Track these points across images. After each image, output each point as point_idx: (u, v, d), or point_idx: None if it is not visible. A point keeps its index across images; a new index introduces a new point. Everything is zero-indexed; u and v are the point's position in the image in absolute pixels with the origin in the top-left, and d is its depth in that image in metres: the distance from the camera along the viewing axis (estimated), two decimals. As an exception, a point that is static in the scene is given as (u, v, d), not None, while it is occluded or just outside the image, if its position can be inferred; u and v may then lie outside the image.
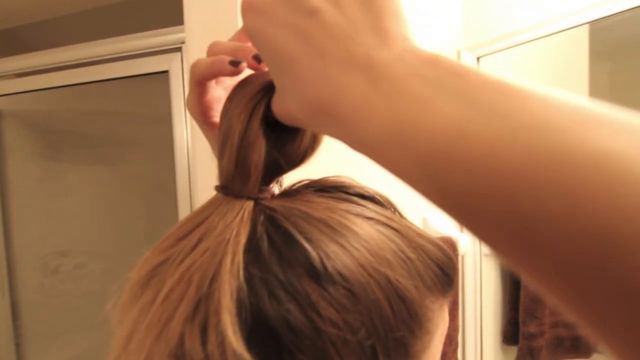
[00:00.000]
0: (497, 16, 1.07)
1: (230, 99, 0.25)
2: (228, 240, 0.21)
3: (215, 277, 0.20)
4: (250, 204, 0.23)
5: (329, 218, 0.23)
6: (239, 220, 0.22)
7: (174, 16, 0.79)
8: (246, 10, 0.21)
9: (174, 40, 0.97)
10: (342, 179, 0.29)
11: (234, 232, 0.22)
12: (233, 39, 0.30)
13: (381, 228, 0.24)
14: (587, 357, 1.09)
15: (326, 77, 0.18)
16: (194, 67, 0.28)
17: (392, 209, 0.29)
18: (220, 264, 0.20)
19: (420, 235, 0.26)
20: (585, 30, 0.91)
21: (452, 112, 0.15)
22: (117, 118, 1.25)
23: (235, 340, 0.18)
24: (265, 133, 0.24)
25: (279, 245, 0.22)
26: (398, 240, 0.24)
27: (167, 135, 1.02)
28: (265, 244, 0.21)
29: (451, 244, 1.07)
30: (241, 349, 0.18)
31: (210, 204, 0.24)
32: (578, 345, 1.05)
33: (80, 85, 1.09)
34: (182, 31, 0.96)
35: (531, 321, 1.00)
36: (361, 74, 0.18)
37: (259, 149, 0.23)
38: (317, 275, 0.21)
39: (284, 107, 0.22)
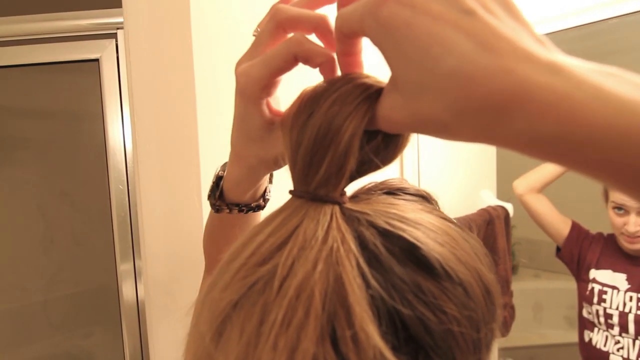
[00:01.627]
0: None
1: (321, 96, 0.23)
2: (337, 249, 0.20)
3: (340, 289, 0.19)
4: (337, 209, 0.23)
5: (420, 218, 0.24)
6: (337, 226, 0.21)
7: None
8: (385, 3, 0.20)
9: (108, 24, 0.86)
10: (399, 181, 0.29)
11: (340, 240, 0.21)
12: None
13: (452, 225, 0.25)
14: (505, 335, 1.25)
15: (506, 72, 0.17)
16: (301, 44, 0.25)
17: (437, 204, 0.30)
18: (341, 276, 0.19)
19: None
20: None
21: None
22: (33, 114, 1.08)
23: (384, 347, 0.18)
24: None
25: (393, 248, 0.21)
26: (467, 236, 0.25)
27: (97, 135, 0.91)
28: (381, 249, 0.21)
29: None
30: (390, 355, 0.18)
31: (293, 211, 0.22)
32: (505, 325, 1.19)
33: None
34: (119, 15, 0.86)
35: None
36: (547, 71, 0.17)
37: (356, 154, 0.23)
38: (437, 274, 0.21)
39: (407, 110, 0.21)
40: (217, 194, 0.38)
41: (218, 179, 0.39)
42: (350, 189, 0.26)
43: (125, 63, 0.88)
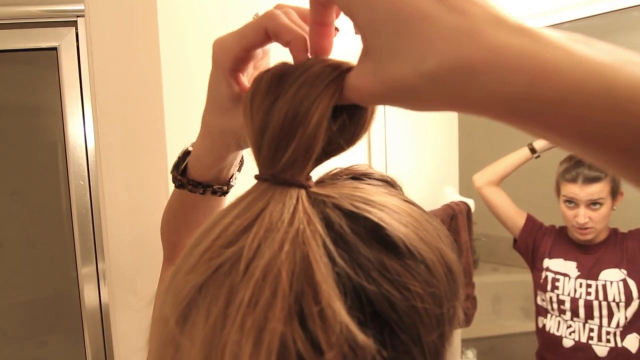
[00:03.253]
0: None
1: (288, 78, 0.24)
2: (304, 230, 0.20)
3: (307, 268, 0.19)
4: (303, 192, 0.23)
5: (385, 201, 0.24)
6: (303, 209, 0.22)
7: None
8: None
9: (67, 12, 0.82)
10: (364, 167, 0.30)
11: (305, 221, 0.21)
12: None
13: (415, 208, 0.26)
14: (468, 326, 1.30)
15: (476, 33, 0.18)
16: (273, 18, 0.27)
17: (401, 190, 0.31)
18: (308, 255, 0.19)
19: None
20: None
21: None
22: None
23: (350, 322, 0.18)
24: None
25: (359, 229, 0.22)
26: (429, 218, 0.26)
27: (53, 130, 0.86)
28: (346, 229, 0.21)
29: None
30: (356, 330, 0.18)
31: (258, 195, 0.23)
32: (467, 315, 1.24)
33: None
34: (79, 1, 0.82)
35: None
36: (518, 33, 0.18)
37: (324, 136, 0.23)
38: (401, 253, 0.22)
39: (378, 76, 0.21)
40: (181, 168, 0.38)
41: (185, 154, 0.39)
42: (316, 174, 0.26)
43: (86, 53, 0.84)
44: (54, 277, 1.14)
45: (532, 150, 1.33)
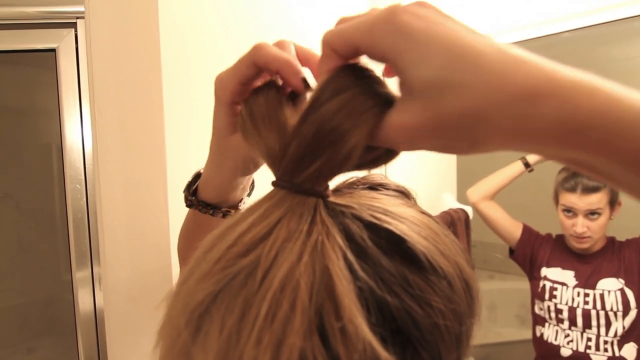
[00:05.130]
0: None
1: (325, 91, 0.22)
2: (323, 242, 0.20)
3: (328, 281, 0.18)
4: (320, 202, 0.22)
5: (403, 212, 0.24)
6: (321, 219, 0.21)
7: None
8: (403, 12, 0.21)
9: (67, 13, 0.81)
10: (379, 176, 0.30)
11: (324, 233, 0.20)
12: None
13: (432, 220, 0.26)
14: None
15: (528, 66, 0.19)
16: (259, 50, 0.28)
17: (415, 201, 0.31)
18: (328, 267, 0.19)
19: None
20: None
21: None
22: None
23: (373, 339, 0.17)
24: None
25: (380, 241, 0.21)
26: (446, 231, 0.26)
27: (49, 133, 0.84)
28: (367, 241, 0.21)
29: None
30: (380, 348, 0.17)
31: (275, 203, 0.22)
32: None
33: None
34: (79, 3, 0.81)
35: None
36: (549, 66, 0.19)
37: (355, 163, 0.23)
38: (423, 267, 0.21)
39: (429, 112, 0.21)
40: (192, 188, 0.40)
41: (196, 176, 0.40)
42: (332, 182, 0.26)
43: (85, 55, 0.83)
44: (47, 281, 1.12)
45: (526, 165, 1.33)
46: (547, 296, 1.22)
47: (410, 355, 0.19)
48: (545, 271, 1.26)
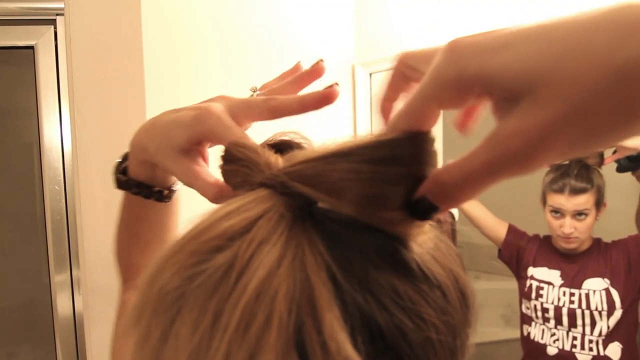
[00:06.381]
0: (387, 35, 1.19)
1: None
2: (303, 249, 0.18)
3: (310, 294, 0.17)
4: (305, 205, 0.20)
5: None
6: (302, 223, 0.19)
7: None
8: (455, 41, 0.19)
9: (46, 10, 0.78)
10: None
11: (306, 239, 0.19)
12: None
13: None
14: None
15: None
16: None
17: None
18: (309, 278, 0.17)
19: None
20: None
21: None
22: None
23: (357, 358, 0.16)
24: None
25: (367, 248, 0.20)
26: (441, 236, 0.24)
27: (27, 132, 0.82)
28: (353, 249, 0.19)
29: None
30: None
31: (256, 199, 0.20)
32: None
33: None
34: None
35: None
36: None
37: None
38: (414, 276, 0.20)
39: (538, 118, 0.17)
40: (122, 167, 0.38)
41: (126, 156, 0.39)
42: None
43: (65, 52, 0.81)
44: (25, 285, 1.09)
45: None
46: (533, 295, 1.23)
47: None
48: (532, 271, 1.27)
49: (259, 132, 0.31)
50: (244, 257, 0.17)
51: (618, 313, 1.12)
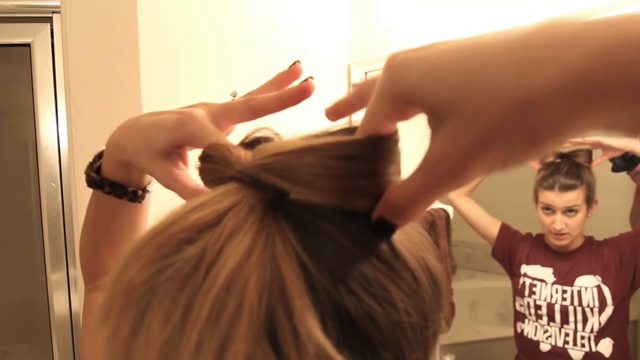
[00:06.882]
0: (382, 35, 1.20)
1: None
2: (274, 238, 0.18)
3: (280, 282, 0.17)
4: (276, 197, 0.21)
5: None
6: (273, 213, 0.20)
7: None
8: (394, 57, 0.20)
9: (43, 7, 0.78)
10: None
11: (276, 229, 0.19)
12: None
13: None
14: (447, 331, 1.31)
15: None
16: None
17: None
18: (279, 267, 0.18)
19: None
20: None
21: None
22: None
23: (327, 343, 0.16)
24: None
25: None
26: (414, 224, 0.25)
27: (23, 130, 0.82)
28: (323, 236, 0.20)
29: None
30: (333, 352, 0.16)
31: (227, 191, 0.20)
32: (447, 320, 1.25)
33: None
34: (55, -1, 0.79)
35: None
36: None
37: None
38: (384, 262, 0.20)
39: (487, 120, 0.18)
40: (96, 166, 0.38)
41: (99, 155, 0.38)
42: None
43: (61, 50, 0.81)
44: (21, 283, 1.09)
45: None
46: (526, 293, 1.25)
47: (370, 355, 0.18)
48: (525, 268, 1.28)
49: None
50: (214, 249, 0.18)
51: (609, 310, 1.13)
